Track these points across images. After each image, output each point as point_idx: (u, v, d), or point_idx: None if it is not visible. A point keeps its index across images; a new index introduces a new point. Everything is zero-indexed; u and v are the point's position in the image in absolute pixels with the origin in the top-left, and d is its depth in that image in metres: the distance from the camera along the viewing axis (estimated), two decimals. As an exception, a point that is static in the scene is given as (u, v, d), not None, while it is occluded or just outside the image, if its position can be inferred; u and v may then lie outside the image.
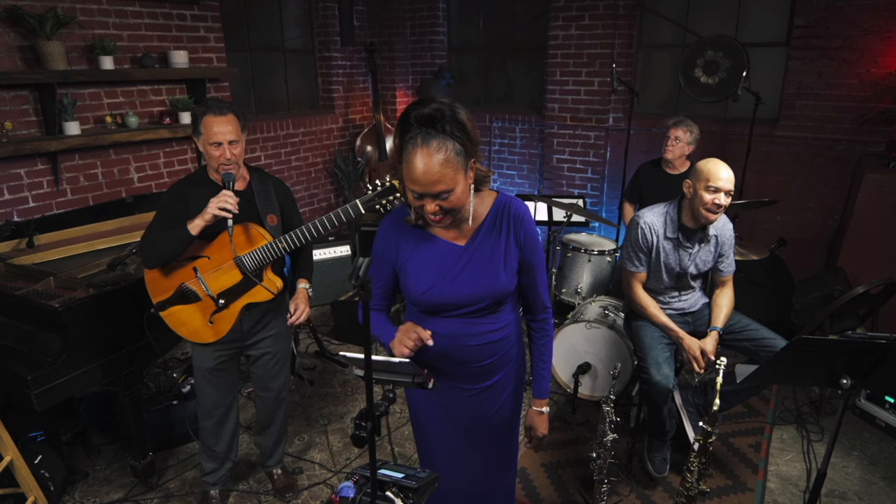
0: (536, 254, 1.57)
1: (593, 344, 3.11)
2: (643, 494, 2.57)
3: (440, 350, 1.53)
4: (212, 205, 1.96)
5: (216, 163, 2.04)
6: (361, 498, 1.37)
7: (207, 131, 2.01)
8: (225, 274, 2.11)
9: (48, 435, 2.50)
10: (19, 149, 3.09)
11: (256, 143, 4.60)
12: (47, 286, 2.41)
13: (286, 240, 2.07)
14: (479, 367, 1.61)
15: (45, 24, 3.05)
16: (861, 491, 2.58)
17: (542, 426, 1.73)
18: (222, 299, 2.11)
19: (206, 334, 2.16)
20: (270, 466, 2.59)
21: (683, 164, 3.49)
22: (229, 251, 2.06)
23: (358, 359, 1.43)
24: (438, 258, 1.51)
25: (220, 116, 2.03)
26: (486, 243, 1.50)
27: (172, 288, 2.14)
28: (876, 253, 3.35)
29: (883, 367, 1.56)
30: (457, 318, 1.54)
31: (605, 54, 4.51)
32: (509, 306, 1.61)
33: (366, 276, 1.34)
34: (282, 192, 2.27)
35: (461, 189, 1.35)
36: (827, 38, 3.74)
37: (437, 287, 1.50)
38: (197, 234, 1.99)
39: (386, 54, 5.52)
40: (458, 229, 1.51)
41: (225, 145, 2.03)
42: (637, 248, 2.56)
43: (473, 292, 1.50)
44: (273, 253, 2.08)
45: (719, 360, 2.10)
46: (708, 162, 2.42)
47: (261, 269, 2.11)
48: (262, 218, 2.14)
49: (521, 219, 1.52)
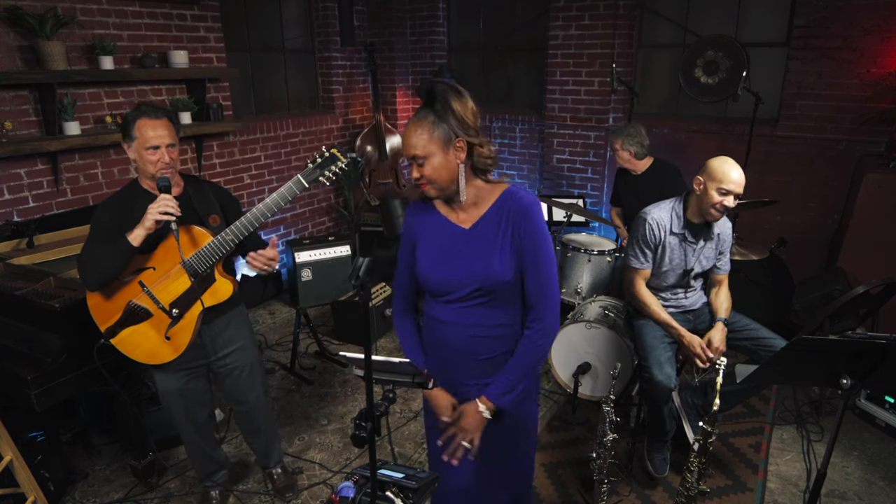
0: (538, 249, 1.54)
1: (593, 344, 3.11)
2: (643, 494, 2.57)
3: (442, 338, 1.65)
4: (151, 211, 1.87)
5: (153, 168, 1.95)
6: (361, 498, 1.37)
7: (143, 135, 1.92)
8: (174, 282, 2.00)
9: (48, 435, 2.49)
10: (19, 149, 3.09)
11: (256, 143, 4.60)
12: (47, 286, 2.41)
13: (233, 231, 1.97)
14: (478, 362, 1.63)
15: (45, 24, 3.05)
16: (861, 491, 2.58)
17: (472, 423, 1.58)
18: (175, 309, 2.01)
19: (164, 353, 2.05)
20: (270, 467, 2.59)
21: (643, 164, 3.45)
22: (174, 258, 1.97)
23: (358, 359, 1.43)
24: (443, 237, 1.59)
25: (155, 120, 1.94)
26: (487, 229, 1.55)
27: (119, 309, 2.02)
28: (876, 253, 3.35)
29: (883, 367, 1.56)
30: (455, 305, 1.59)
31: (605, 54, 4.51)
32: (511, 307, 1.60)
33: (366, 276, 1.34)
34: (220, 194, 2.20)
35: (438, 161, 1.47)
36: (827, 38, 3.74)
37: (438, 265, 1.58)
38: (139, 244, 1.89)
39: (386, 54, 5.52)
40: (465, 212, 1.58)
41: (163, 149, 1.95)
42: (644, 243, 2.55)
43: (466, 275, 1.55)
44: (222, 248, 1.98)
45: (719, 360, 2.11)
46: (723, 162, 2.38)
47: (211, 269, 2.02)
48: (203, 220, 2.06)
49: (525, 211, 1.54)
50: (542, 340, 1.58)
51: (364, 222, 4.83)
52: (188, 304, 2.02)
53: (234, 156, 4.44)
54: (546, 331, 1.58)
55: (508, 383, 1.58)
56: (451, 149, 1.47)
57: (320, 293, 4.35)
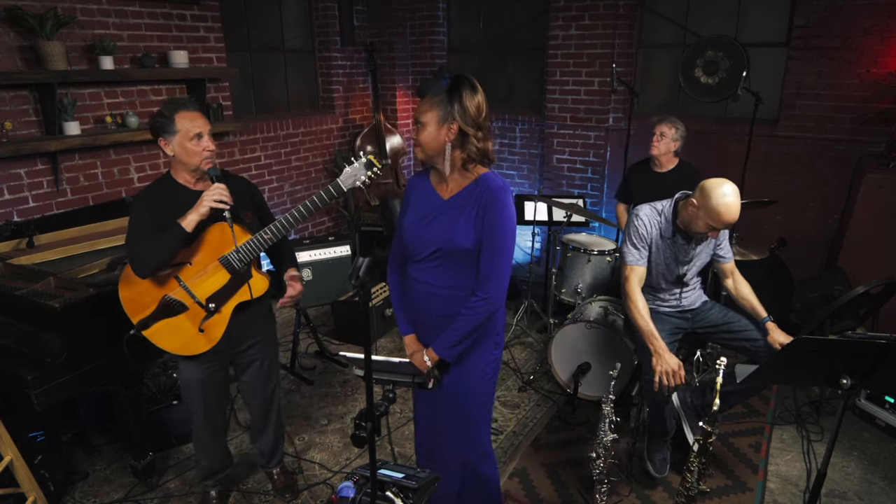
0: (495, 228, 1.72)
1: (593, 344, 3.11)
2: (643, 494, 2.57)
3: (410, 294, 1.94)
4: (206, 197, 1.92)
5: (198, 159, 1.98)
6: (361, 498, 1.38)
7: (184, 127, 1.95)
8: (211, 277, 2.05)
9: (48, 435, 2.49)
10: (19, 149, 3.09)
11: (256, 143, 4.60)
12: (47, 286, 2.41)
13: (271, 230, 2.02)
14: (438, 319, 1.86)
15: (45, 24, 3.05)
16: (861, 491, 2.58)
17: (419, 363, 1.84)
18: (212, 303, 2.05)
19: (197, 344, 2.08)
20: (270, 467, 2.59)
21: (671, 161, 3.47)
22: (211, 254, 2.01)
23: (358, 359, 1.44)
24: (426, 203, 1.85)
25: (193, 111, 1.97)
26: (459, 202, 1.78)
27: (154, 302, 2.05)
28: (876, 253, 3.35)
29: (883, 367, 1.56)
30: (420, 264, 1.85)
31: (605, 54, 4.51)
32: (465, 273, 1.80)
33: (366, 275, 1.35)
34: (249, 189, 2.24)
35: (430, 132, 1.71)
36: (827, 38, 3.74)
37: (413, 225, 1.84)
38: (192, 230, 1.93)
39: (386, 54, 5.52)
40: (448, 186, 1.81)
41: (206, 136, 1.98)
42: (638, 238, 2.53)
43: (432, 236, 1.79)
44: (260, 245, 2.03)
45: (719, 360, 2.10)
46: (725, 197, 2.23)
47: (248, 266, 2.08)
48: (240, 216, 2.09)
49: (493, 193, 1.74)
50: (482, 308, 1.77)
51: (364, 222, 4.83)
52: (225, 299, 2.07)
53: (234, 156, 4.44)
54: (488, 302, 1.78)
55: (449, 339, 1.80)
56: (445, 127, 1.70)
57: (320, 293, 4.34)
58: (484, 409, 2.01)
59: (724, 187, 2.26)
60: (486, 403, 2.01)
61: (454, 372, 1.91)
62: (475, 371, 1.92)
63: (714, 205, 2.24)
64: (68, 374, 2.21)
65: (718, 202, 2.24)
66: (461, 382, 1.92)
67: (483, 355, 1.91)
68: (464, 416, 1.97)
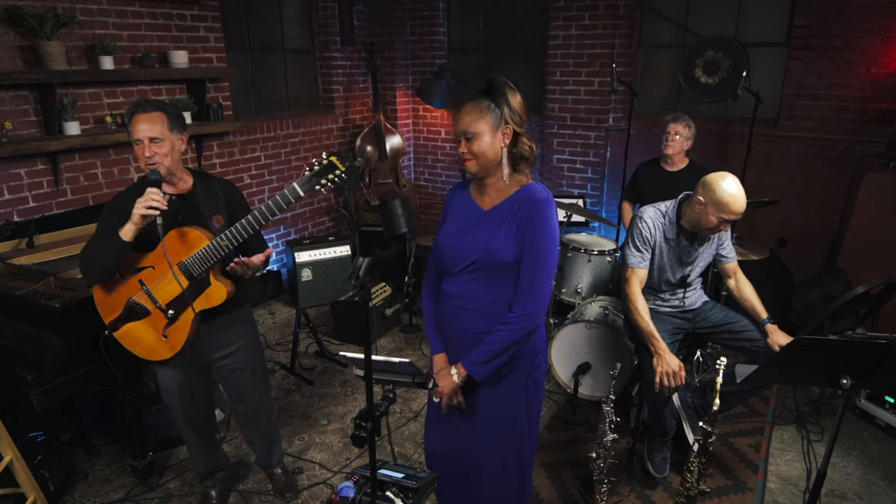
0: (537, 242, 1.64)
1: (593, 344, 3.11)
2: (643, 494, 2.57)
3: (443, 309, 1.83)
4: (138, 205, 1.82)
5: (142, 163, 1.95)
6: (361, 498, 1.38)
7: (133, 130, 1.92)
8: (171, 282, 1.99)
9: (48, 435, 2.49)
10: (19, 149, 3.09)
11: (256, 144, 4.60)
12: (47, 286, 2.41)
13: (227, 236, 1.92)
14: (471, 336, 1.74)
15: (45, 24, 3.05)
16: (861, 491, 2.58)
17: (443, 383, 1.75)
18: (171, 310, 2.00)
19: (161, 350, 2.05)
20: (270, 467, 2.59)
21: (682, 160, 3.48)
22: (174, 259, 1.95)
23: (358, 359, 1.44)
24: (465, 214, 1.77)
25: (148, 114, 1.93)
26: (500, 214, 1.69)
27: (121, 305, 2.04)
28: (876, 253, 3.35)
29: (883, 367, 1.56)
30: (456, 277, 1.76)
31: (605, 54, 4.51)
32: (501, 288, 1.70)
33: (366, 275, 1.35)
34: (229, 191, 2.17)
35: (486, 141, 1.62)
36: (827, 38, 3.74)
37: (451, 236, 1.76)
38: (129, 239, 1.86)
39: (386, 54, 5.52)
40: (489, 196, 1.73)
41: (145, 143, 1.91)
42: (641, 241, 2.53)
43: (472, 247, 1.70)
44: (217, 252, 1.93)
45: (719, 361, 2.10)
46: (730, 190, 2.27)
47: (206, 272, 1.98)
48: (207, 220, 2.02)
49: (534, 211, 1.64)
50: (519, 325, 1.67)
51: (364, 222, 4.83)
52: (184, 306, 2.00)
53: (234, 156, 4.44)
54: (526, 319, 1.67)
55: (480, 355, 1.69)
56: (500, 132, 1.63)
57: (320, 293, 4.34)
58: (530, 434, 1.87)
59: (726, 179, 2.31)
60: (532, 429, 1.87)
61: (486, 392, 1.78)
62: (512, 394, 1.79)
63: (720, 197, 2.28)
64: (68, 374, 2.22)
65: (724, 194, 2.28)
66: (496, 406, 1.79)
67: (521, 377, 1.78)
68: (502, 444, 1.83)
